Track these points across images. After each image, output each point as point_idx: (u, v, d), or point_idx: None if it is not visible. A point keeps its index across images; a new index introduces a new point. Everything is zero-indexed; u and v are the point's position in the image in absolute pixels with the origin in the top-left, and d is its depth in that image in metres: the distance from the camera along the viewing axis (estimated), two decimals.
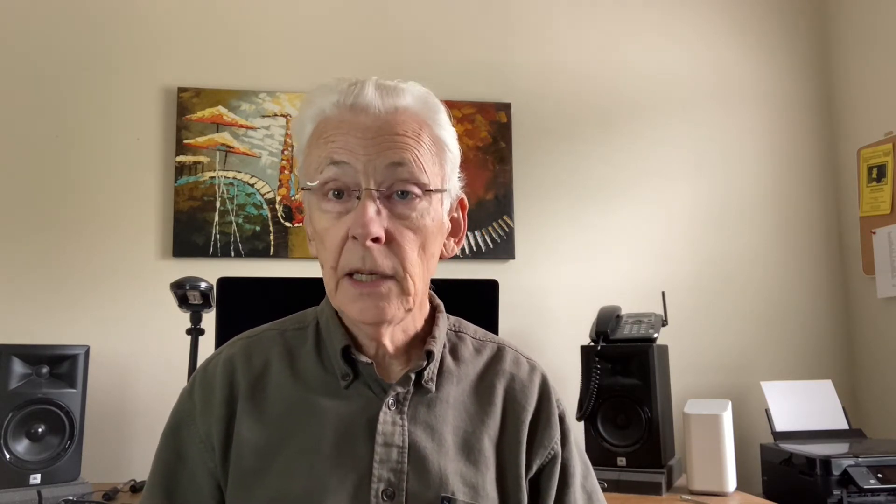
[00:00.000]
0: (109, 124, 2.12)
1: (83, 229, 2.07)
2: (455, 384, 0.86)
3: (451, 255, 0.87)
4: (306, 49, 2.24)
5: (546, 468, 0.87)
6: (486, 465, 0.82)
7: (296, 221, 2.16)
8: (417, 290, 0.80)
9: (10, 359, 1.69)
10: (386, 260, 0.77)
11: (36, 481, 1.67)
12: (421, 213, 0.79)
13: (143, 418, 2.02)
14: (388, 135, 0.78)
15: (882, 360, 2.28)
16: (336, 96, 0.80)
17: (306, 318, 0.90)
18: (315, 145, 0.81)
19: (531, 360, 0.93)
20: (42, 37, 2.11)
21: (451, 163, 0.84)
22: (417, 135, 0.79)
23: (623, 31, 2.43)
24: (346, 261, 0.78)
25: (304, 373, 0.84)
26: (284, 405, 0.81)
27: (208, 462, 0.81)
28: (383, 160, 0.77)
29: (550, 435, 0.87)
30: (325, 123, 0.80)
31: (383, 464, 0.78)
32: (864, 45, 2.39)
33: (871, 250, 2.28)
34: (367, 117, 0.78)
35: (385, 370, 0.84)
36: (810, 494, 1.76)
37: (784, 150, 2.48)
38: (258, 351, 0.86)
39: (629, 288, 2.28)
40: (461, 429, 0.83)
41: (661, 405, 1.84)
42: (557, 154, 2.34)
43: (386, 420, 0.80)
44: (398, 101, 0.80)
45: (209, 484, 0.81)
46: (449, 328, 0.91)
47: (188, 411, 0.84)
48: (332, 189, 0.79)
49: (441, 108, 0.84)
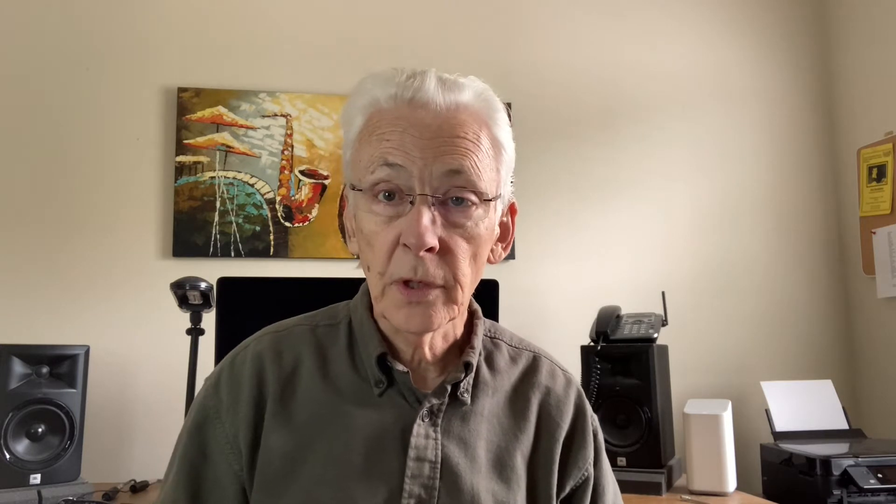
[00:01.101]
0: (109, 124, 2.12)
1: (83, 229, 2.07)
2: (490, 396, 0.83)
3: (498, 261, 0.83)
4: (306, 49, 2.24)
5: (579, 490, 0.85)
6: (518, 484, 0.80)
7: (296, 221, 2.16)
8: (465, 299, 0.77)
9: (10, 359, 1.69)
10: (438, 270, 0.73)
11: (36, 481, 1.67)
12: (476, 221, 0.75)
13: (143, 418, 2.02)
14: (447, 136, 0.73)
15: (882, 360, 2.28)
16: (393, 88, 0.75)
17: (338, 313, 0.86)
18: (367, 141, 0.76)
19: (567, 372, 0.91)
20: (42, 37, 2.11)
21: (507, 165, 0.80)
22: (477, 137, 0.75)
23: (623, 31, 2.43)
24: (395, 268, 0.73)
25: (336, 376, 0.80)
26: (315, 410, 0.78)
27: (234, 464, 0.78)
28: (441, 166, 0.72)
29: (585, 456, 0.85)
30: (378, 117, 0.76)
31: (415, 479, 0.75)
32: (863, 45, 2.39)
33: (871, 250, 2.28)
34: (427, 114, 0.74)
35: (420, 378, 0.81)
36: (810, 494, 1.75)
37: (784, 150, 2.48)
38: (288, 347, 0.82)
39: (629, 288, 2.28)
40: (494, 443, 0.81)
41: (661, 405, 1.84)
42: (557, 154, 2.34)
43: (419, 433, 0.77)
44: (459, 96, 0.76)
45: (234, 487, 0.78)
46: (485, 334, 0.87)
47: (214, 408, 0.79)
48: (383, 190, 0.74)
49: (501, 107, 0.80)
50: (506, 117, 0.80)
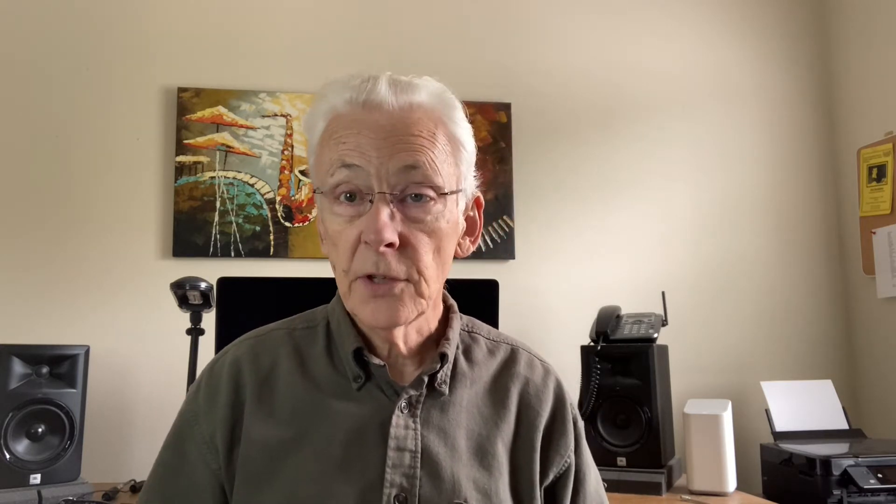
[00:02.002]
0: (109, 124, 2.12)
1: (83, 229, 2.07)
2: (468, 387, 0.84)
3: (466, 255, 0.85)
4: (306, 49, 2.24)
5: (562, 477, 0.86)
6: (500, 471, 0.81)
7: (296, 221, 2.16)
8: (432, 292, 0.79)
9: (10, 359, 1.69)
10: (400, 265, 0.75)
11: (36, 481, 1.67)
12: (435, 216, 0.77)
13: (143, 418, 2.02)
14: (401, 135, 0.75)
15: (882, 360, 2.28)
16: (348, 93, 0.78)
17: (316, 317, 0.88)
18: (326, 145, 0.78)
19: (545, 362, 0.92)
20: (42, 37, 2.11)
21: (467, 161, 0.82)
22: (432, 134, 0.77)
23: (623, 30, 2.43)
24: (358, 265, 0.76)
25: (315, 374, 0.82)
26: (294, 405, 0.80)
27: (211, 463, 0.79)
28: (396, 163, 0.74)
29: (566, 443, 0.87)
30: (336, 122, 0.78)
31: (396, 468, 0.76)
32: (863, 45, 2.39)
33: (871, 250, 2.28)
34: (381, 115, 0.76)
35: (398, 372, 0.83)
36: (810, 494, 1.76)
37: (784, 150, 2.48)
38: (266, 351, 0.84)
39: (629, 288, 2.28)
40: (475, 432, 0.82)
41: (661, 405, 1.84)
42: (557, 154, 2.34)
43: (399, 424, 0.78)
44: (413, 97, 0.78)
45: (210, 485, 0.79)
46: (462, 328, 0.89)
47: (192, 412, 0.82)
48: (343, 192, 0.76)
49: (457, 105, 0.82)
50: (463, 115, 0.82)
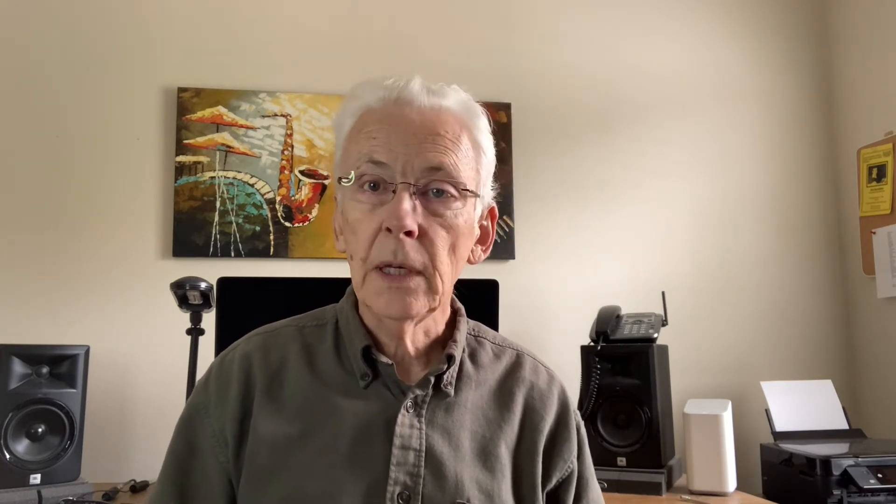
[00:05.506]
0: (109, 124, 2.12)
1: (83, 229, 2.07)
2: (474, 389, 0.85)
3: (477, 262, 0.87)
4: (306, 49, 2.24)
5: (564, 483, 0.87)
6: (503, 473, 0.82)
7: (296, 221, 2.16)
8: (444, 290, 0.81)
9: (10, 359, 1.69)
10: (417, 255, 0.77)
11: (36, 481, 1.67)
12: (455, 212, 0.79)
13: (143, 418, 2.02)
14: (429, 133, 0.78)
15: (882, 360, 2.28)
16: (381, 92, 0.81)
17: (325, 315, 0.90)
18: (355, 139, 0.81)
19: (549, 369, 0.94)
20: (42, 37, 2.11)
21: (487, 169, 0.85)
22: (458, 137, 0.80)
23: (623, 30, 2.43)
24: (377, 253, 0.77)
25: (323, 371, 0.83)
26: (302, 401, 0.81)
27: (220, 456, 0.80)
28: (423, 162, 0.77)
29: (570, 448, 0.88)
30: (367, 116, 0.81)
31: (400, 466, 0.77)
32: (863, 45, 2.39)
33: (871, 250, 2.28)
34: (412, 111, 0.79)
35: (405, 372, 0.84)
36: (810, 494, 1.76)
37: (784, 150, 2.48)
38: (276, 346, 0.85)
39: (629, 288, 2.28)
40: (479, 434, 0.83)
41: (661, 405, 1.84)
42: (557, 154, 2.34)
43: (404, 422, 0.79)
44: (442, 101, 0.81)
45: (220, 478, 0.80)
46: (469, 332, 0.90)
47: (202, 404, 0.83)
48: (368, 181, 0.78)
49: (482, 114, 0.85)
50: (487, 124, 0.86)
